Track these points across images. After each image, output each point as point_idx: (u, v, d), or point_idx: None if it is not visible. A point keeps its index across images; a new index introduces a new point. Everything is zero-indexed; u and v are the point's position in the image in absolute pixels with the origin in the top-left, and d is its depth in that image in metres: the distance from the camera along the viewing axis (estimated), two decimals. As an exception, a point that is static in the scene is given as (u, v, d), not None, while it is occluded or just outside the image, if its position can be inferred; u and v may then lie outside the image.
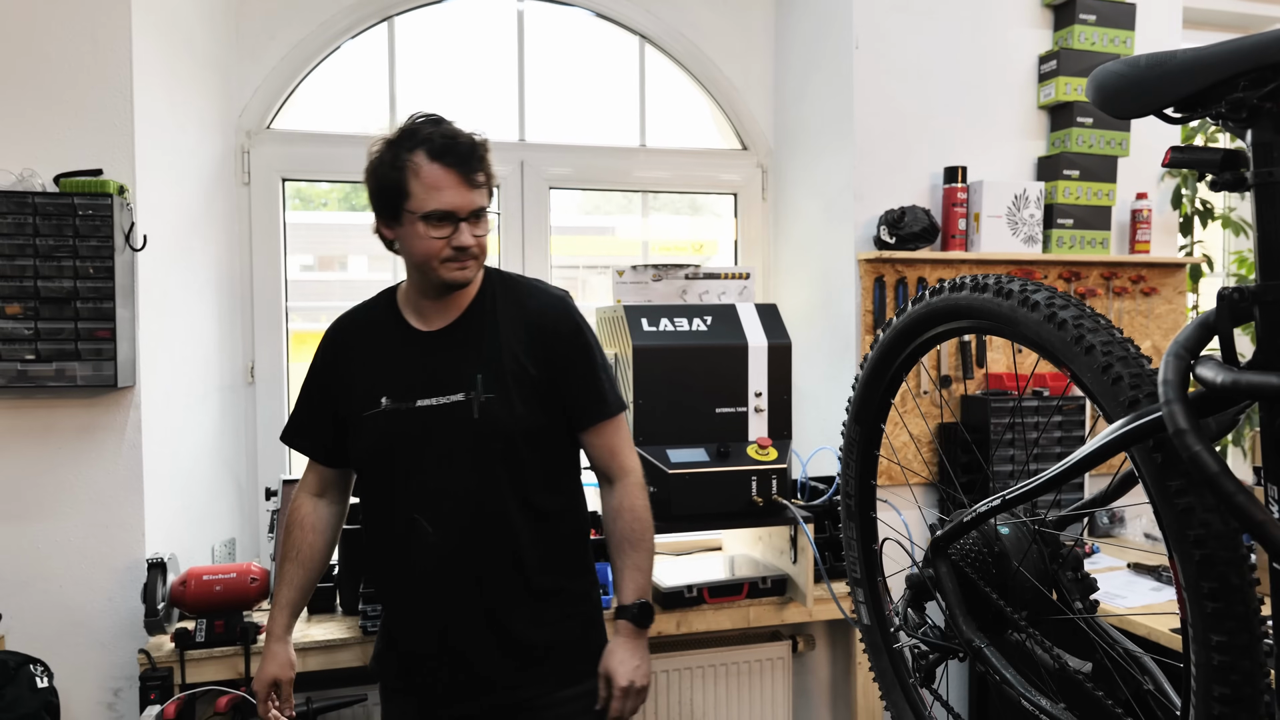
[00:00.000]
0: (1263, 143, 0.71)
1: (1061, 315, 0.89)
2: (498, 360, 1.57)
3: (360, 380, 1.60)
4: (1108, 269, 2.64)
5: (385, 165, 1.51)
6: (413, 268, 1.58)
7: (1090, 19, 2.55)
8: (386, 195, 1.51)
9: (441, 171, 1.48)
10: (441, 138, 1.49)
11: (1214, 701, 0.76)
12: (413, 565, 1.57)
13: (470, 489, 1.56)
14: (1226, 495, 0.68)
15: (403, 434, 1.56)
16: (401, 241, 1.55)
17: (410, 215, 1.50)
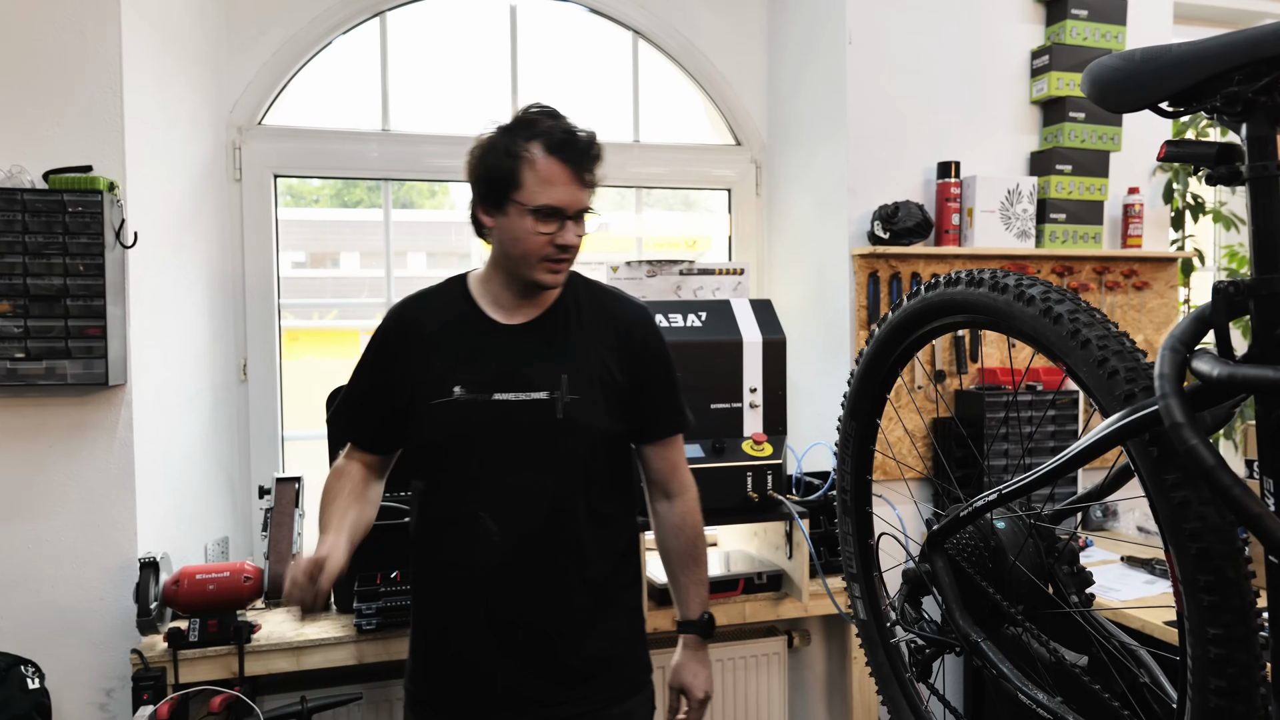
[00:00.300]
0: (1258, 137, 0.71)
1: (1057, 309, 0.89)
2: (585, 363, 1.54)
3: (430, 367, 1.52)
4: (1100, 263, 2.65)
5: (498, 151, 1.45)
6: (503, 260, 1.52)
7: (1082, 14, 2.55)
8: (495, 182, 1.46)
9: (557, 166, 1.44)
10: (561, 132, 1.45)
11: (1210, 694, 0.77)
12: (472, 563, 1.51)
13: (544, 489, 1.51)
14: (1223, 489, 0.68)
15: (476, 426, 1.50)
16: (501, 232, 1.49)
17: (518, 207, 1.45)
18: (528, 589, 1.51)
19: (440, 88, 2.72)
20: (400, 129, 2.64)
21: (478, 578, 1.51)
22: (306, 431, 2.60)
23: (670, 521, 1.66)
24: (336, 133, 2.58)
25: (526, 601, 1.51)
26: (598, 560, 1.56)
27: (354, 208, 3.48)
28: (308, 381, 2.67)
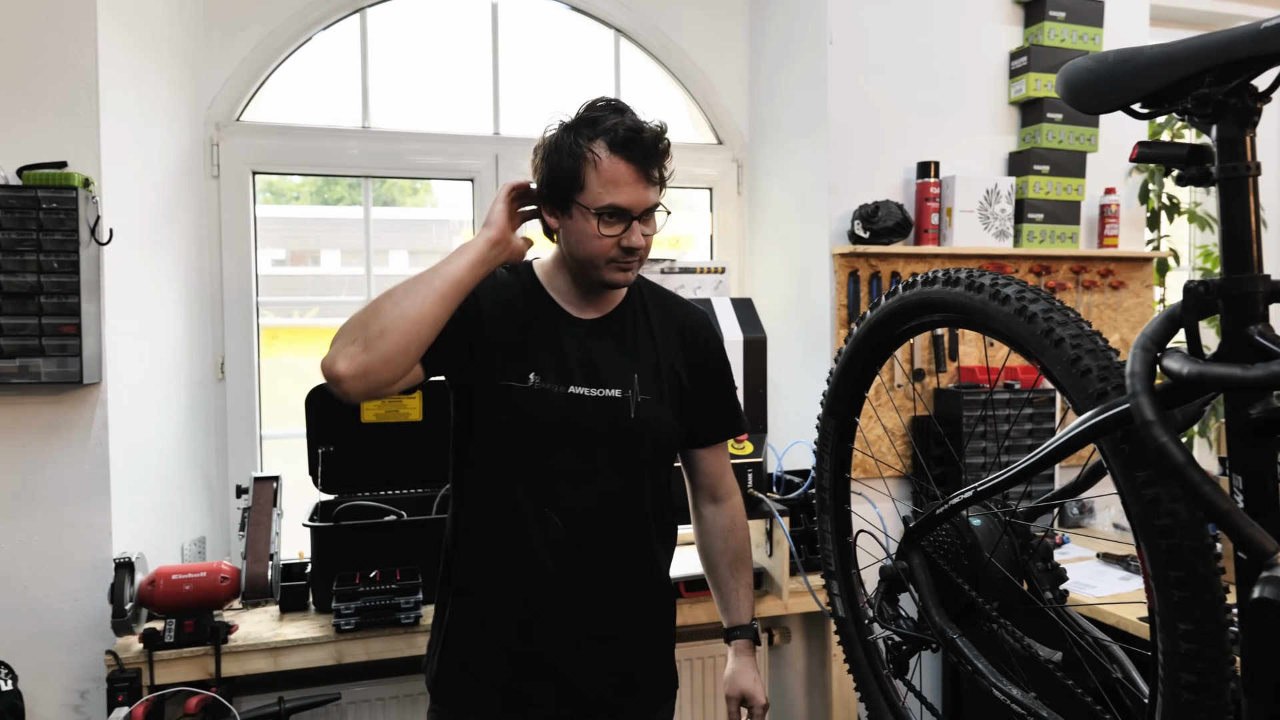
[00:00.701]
0: (1228, 138, 0.72)
1: (1032, 309, 0.90)
2: (655, 363, 1.51)
3: (504, 346, 1.43)
4: (1077, 263, 2.67)
5: (560, 151, 1.39)
6: (569, 261, 1.46)
7: (1060, 15, 2.57)
8: (558, 184, 1.39)
9: (622, 166, 1.37)
10: (625, 130, 1.37)
11: (1181, 689, 0.78)
12: (530, 561, 1.43)
13: (614, 489, 1.46)
14: (1192, 485, 0.69)
15: (548, 419, 1.42)
16: (567, 234, 1.42)
17: (581, 209, 1.38)
18: (588, 593, 1.46)
19: (421, 85, 2.71)
20: (381, 126, 2.62)
21: (534, 577, 1.43)
22: (285, 430, 2.58)
23: (720, 525, 1.64)
24: (316, 129, 2.56)
25: (586, 605, 1.46)
26: (661, 564, 1.55)
27: (335, 205, 3.45)
28: (286, 380, 2.65)
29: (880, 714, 1.26)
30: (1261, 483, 0.71)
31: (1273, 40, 0.67)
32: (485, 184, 2.68)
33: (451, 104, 2.73)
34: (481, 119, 2.73)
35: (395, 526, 2.15)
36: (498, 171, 2.68)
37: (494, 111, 2.73)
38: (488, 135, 2.71)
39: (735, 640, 1.62)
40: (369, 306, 1.31)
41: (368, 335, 1.27)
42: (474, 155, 2.67)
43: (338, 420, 2.23)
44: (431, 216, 3.62)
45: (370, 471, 2.30)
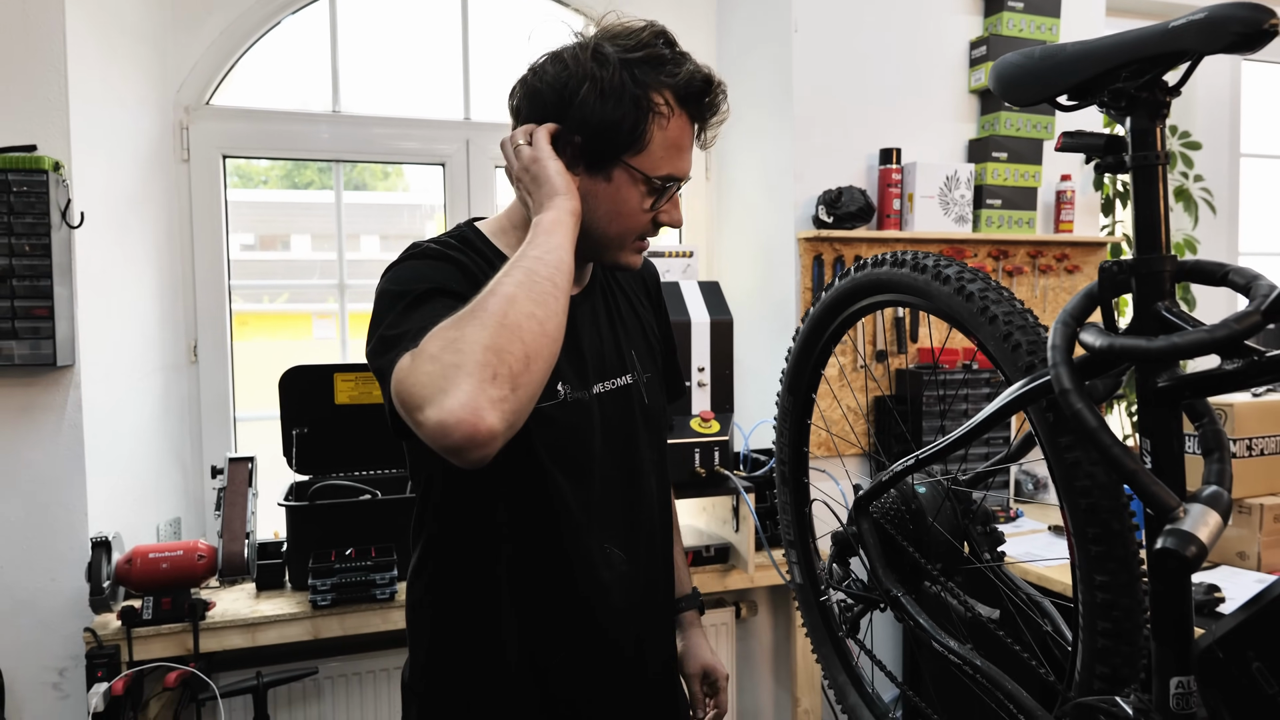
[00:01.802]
0: (1140, 129, 0.78)
1: (969, 288, 0.96)
2: (641, 331, 1.29)
3: None
4: (1034, 247, 2.76)
5: (620, 94, 1.05)
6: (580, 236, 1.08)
7: (1018, 6, 2.64)
8: (606, 135, 1.06)
9: (686, 126, 1.11)
10: (701, 80, 1.10)
11: (1099, 636, 0.85)
12: (596, 606, 1.18)
13: (650, 494, 1.25)
14: (1104, 448, 0.75)
15: (587, 432, 1.16)
16: (593, 201, 1.10)
17: (630, 173, 1.09)
18: (653, 619, 1.28)
19: (392, 70, 2.73)
20: (351, 111, 2.64)
21: (603, 621, 1.19)
22: (257, 413, 2.61)
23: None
24: (286, 114, 2.58)
25: (652, 634, 1.28)
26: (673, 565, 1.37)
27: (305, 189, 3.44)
28: (258, 363, 2.68)
29: (834, 673, 1.33)
30: (1167, 445, 0.78)
31: (1180, 39, 0.73)
32: (456, 168, 2.71)
33: (422, 89, 2.75)
34: (452, 104, 2.75)
35: (370, 505, 2.19)
36: (469, 156, 2.71)
37: (465, 96, 2.75)
38: (459, 120, 2.73)
39: (683, 613, 1.45)
40: (491, 324, 0.87)
41: (512, 368, 0.86)
42: (445, 140, 2.70)
43: (311, 402, 2.27)
44: (403, 201, 3.62)
45: (344, 452, 2.34)
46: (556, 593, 1.16)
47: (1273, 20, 0.68)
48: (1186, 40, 0.72)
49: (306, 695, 2.22)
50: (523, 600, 1.16)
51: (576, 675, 1.19)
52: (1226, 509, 0.72)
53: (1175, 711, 0.77)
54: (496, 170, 2.77)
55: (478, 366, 0.84)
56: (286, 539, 2.14)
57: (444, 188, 2.73)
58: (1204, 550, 0.70)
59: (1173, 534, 0.71)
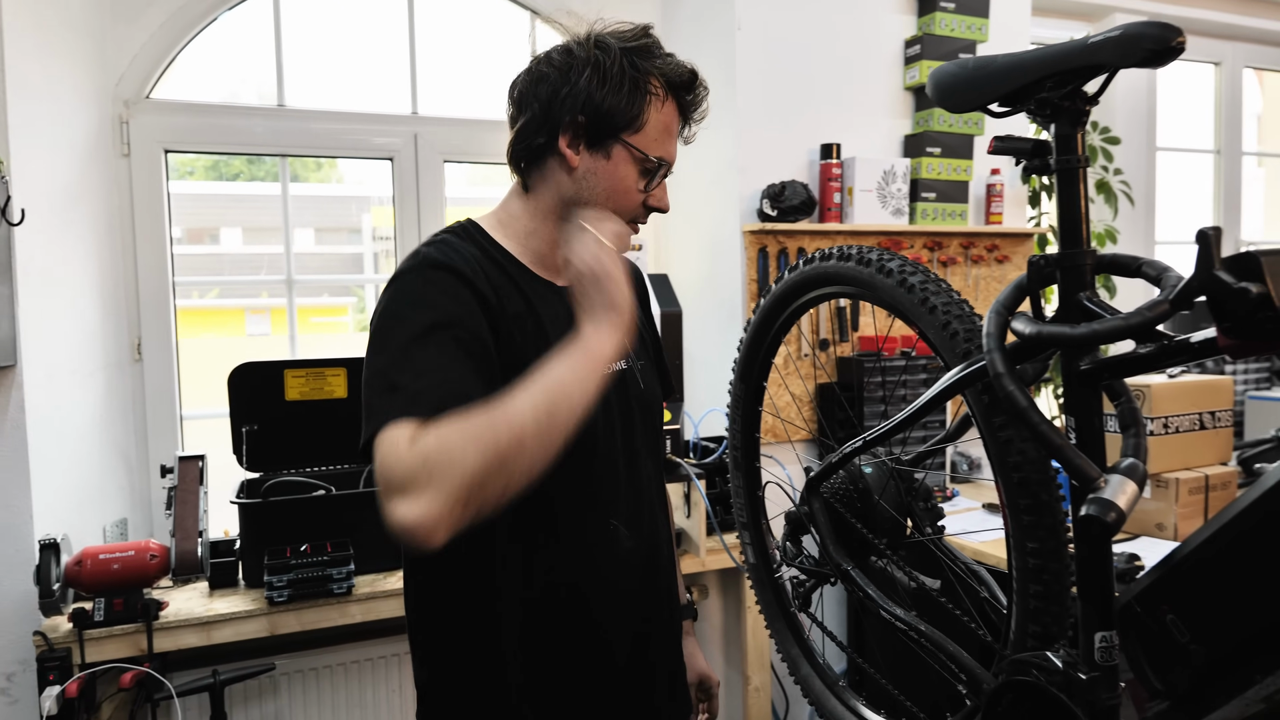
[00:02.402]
0: (1063, 135, 0.86)
1: (911, 280, 1.03)
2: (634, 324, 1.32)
3: (522, 342, 1.14)
4: (966, 239, 2.88)
5: (622, 77, 1.13)
6: (570, 214, 1.16)
7: (950, 6, 2.75)
8: (607, 115, 1.13)
9: (674, 112, 1.19)
10: (687, 73, 1.19)
11: (1030, 598, 0.92)
12: (606, 584, 1.22)
13: (650, 477, 1.31)
14: (1033, 425, 0.83)
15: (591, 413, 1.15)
16: (592, 178, 1.16)
17: (627, 151, 1.15)
18: (656, 605, 1.32)
19: (338, 64, 2.71)
20: (297, 105, 2.62)
21: (611, 599, 1.23)
22: (203, 411, 2.58)
23: None
24: (230, 107, 2.55)
25: (657, 621, 1.32)
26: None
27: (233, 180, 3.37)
28: (195, 361, 2.64)
29: (787, 646, 1.40)
30: (1089, 423, 0.86)
31: (1097, 54, 0.81)
32: (404, 163, 2.71)
33: (369, 83, 2.75)
34: (400, 98, 2.75)
35: (325, 501, 2.19)
36: (417, 150, 2.72)
37: (412, 91, 2.75)
38: (406, 114, 2.73)
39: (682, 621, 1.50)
40: (490, 457, 0.91)
41: (486, 500, 0.92)
42: (392, 134, 2.70)
43: (262, 399, 2.26)
44: (338, 193, 3.58)
45: (295, 449, 2.33)
46: (561, 565, 1.19)
47: (1179, 38, 0.76)
48: (1104, 55, 0.79)
49: (263, 692, 2.22)
50: (527, 575, 1.17)
51: (579, 647, 1.21)
52: (1142, 479, 0.80)
53: (1100, 663, 0.85)
54: (445, 164, 2.78)
55: (456, 490, 0.89)
56: (240, 537, 2.13)
57: (393, 182, 2.73)
58: (1123, 516, 0.78)
59: (1095, 502, 0.79)
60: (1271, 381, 3.48)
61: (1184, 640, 0.79)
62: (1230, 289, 0.66)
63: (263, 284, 2.61)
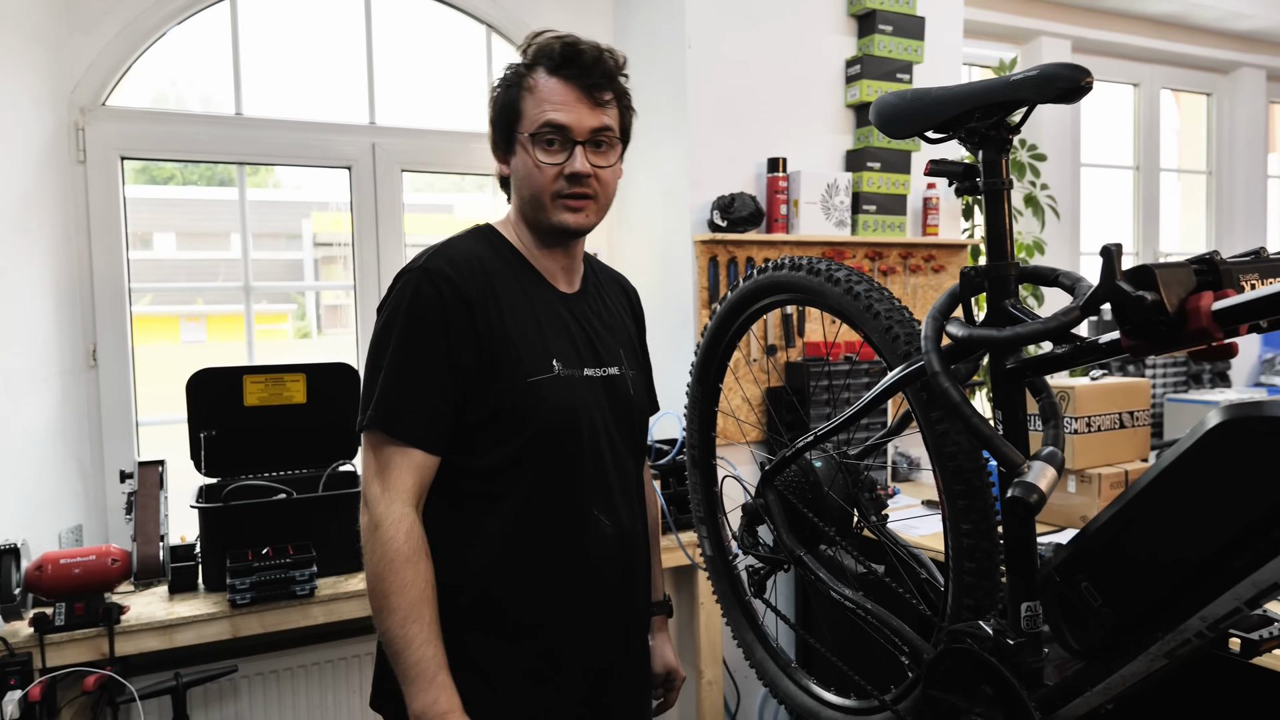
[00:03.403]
0: (990, 160, 0.97)
1: (857, 289, 1.13)
2: (626, 335, 1.47)
3: (520, 338, 1.29)
4: (904, 249, 3.02)
5: (502, 85, 1.30)
6: (523, 210, 1.36)
7: (888, 29, 2.89)
8: (500, 122, 1.31)
9: (559, 85, 1.28)
10: (563, 46, 1.28)
11: (964, 574, 1.03)
12: (586, 567, 1.35)
13: (632, 474, 1.45)
14: (965, 418, 0.93)
15: (578, 408, 1.33)
16: (515, 176, 1.34)
17: (521, 141, 1.29)
18: (634, 588, 1.45)
19: (296, 73, 2.74)
20: (255, 113, 2.64)
21: (593, 587, 1.36)
22: (158, 417, 2.58)
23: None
24: (187, 115, 2.56)
25: (634, 602, 1.46)
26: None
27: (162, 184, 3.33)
28: (157, 366, 2.64)
29: (743, 632, 1.49)
30: (1014, 416, 0.97)
31: (1018, 90, 0.92)
32: (363, 171, 2.75)
33: (327, 93, 2.78)
34: (357, 108, 2.79)
35: (286, 505, 2.22)
36: (374, 160, 2.76)
37: (369, 101, 2.79)
38: (364, 124, 2.77)
39: (653, 617, 1.64)
40: (374, 596, 1.23)
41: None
42: (350, 144, 2.74)
43: (220, 404, 2.27)
44: (275, 198, 3.56)
45: (254, 454, 2.35)
46: (546, 549, 1.33)
47: (1088, 79, 0.87)
48: (1024, 91, 0.90)
49: (224, 694, 2.23)
50: (516, 549, 1.32)
51: (561, 627, 1.35)
52: (1060, 465, 0.91)
53: (1026, 630, 0.96)
54: (403, 174, 2.82)
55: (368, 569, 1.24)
56: (200, 541, 2.14)
57: (350, 190, 2.77)
58: (1043, 497, 0.89)
59: (1019, 485, 0.89)
60: (1189, 385, 3.71)
61: (1096, 605, 0.89)
62: (1129, 297, 0.77)
63: (203, 290, 2.61)
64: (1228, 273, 0.79)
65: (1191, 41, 4.24)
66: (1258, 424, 0.73)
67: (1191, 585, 0.79)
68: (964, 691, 1.01)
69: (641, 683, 1.54)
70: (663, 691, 1.66)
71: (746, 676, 2.78)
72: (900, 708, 1.14)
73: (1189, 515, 0.79)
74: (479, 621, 1.31)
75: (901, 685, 1.15)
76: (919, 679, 1.09)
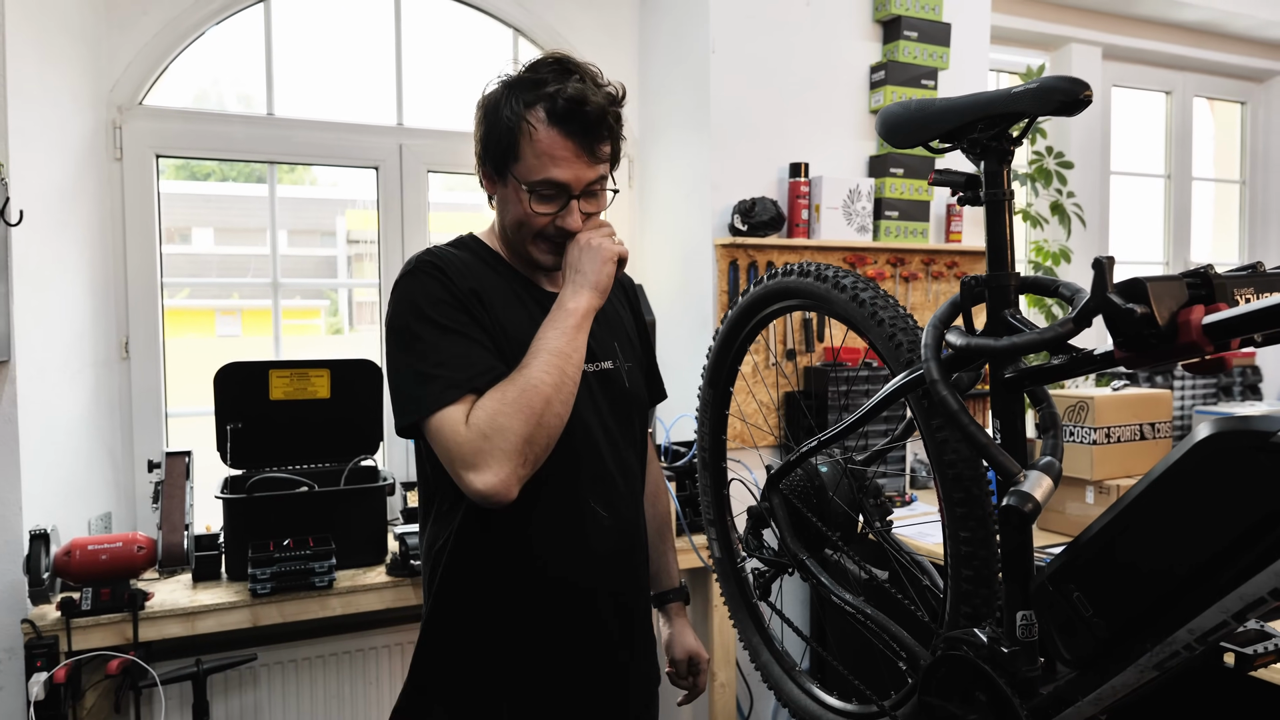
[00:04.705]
0: (992, 171, 0.97)
1: (862, 296, 1.15)
2: (623, 329, 1.50)
3: (513, 332, 1.32)
4: (927, 255, 3.01)
5: (499, 112, 1.29)
6: (506, 235, 1.39)
7: (913, 35, 2.89)
8: (493, 147, 1.31)
9: (559, 139, 1.27)
10: (565, 100, 1.26)
11: (963, 581, 1.04)
12: (586, 557, 1.39)
13: (630, 466, 1.47)
14: (962, 426, 0.94)
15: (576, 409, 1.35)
16: (501, 203, 1.36)
17: (514, 180, 1.30)
18: (631, 578, 1.48)
19: (326, 75, 2.80)
20: (286, 114, 2.70)
21: (588, 572, 1.40)
22: (186, 408, 2.65)
23: (647, 492, 1.64)
24: (220, 115, 2.62)
25: (626, 592, 1.48)
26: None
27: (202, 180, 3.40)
28: (186, 359, 2.70)
29: (749, 635, 1.50)
30: (1012, 425, 0.97)
31: (1019, 102, 0.92)
32: (389, 172, 2.80)
33: (356, 94, 2.83)
34: (385, 109, 2.84)
35: (308, 497, 2.26)
36: (402, 161, 2.80)
37: (398, 103, 2.84)
38: (392, 125, 2.82)
39: (669, 604, 1.68)
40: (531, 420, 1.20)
41: (538, 455, 1.22)
42: (378, 145, 2.78)
43: (246, 397, 2.33)
44: (311, 195, 3.61)
45: (278, 447, 2.40)
46: (543, 541, 1.36)
47: (1086, 92, 0.88)
48: (1024, 104, 0.91)
49: (244, 682, 2.28)
50: (518, 543, 1.35)
51: (554, 622, 1.38)
52: (1057, 475, 0.92)
53: (1021, 638, 0.96)
54: (429, 174, 2.87)
55: (515, 453, 1.19)
56: (224, 531, 2.20)
57: (377, 190, 2.82)
58: (1038, 506, 0.89)
59: (1014, 494, 0.90)
60: (1219, 397, 3.66)
61: (1088, 615, 0.90)
62: (1120, 309, 0.78)
63: (237, 286, 2.67)
64: (1221, 286, 0.80)
65: (1225, 49, 4.18)
66: (1244, 438, 0.73)
67: (1179, 597, 0.80)
68: (959, 698, 1.02)
69: (647, 672, 1.55)
70: (690, 679, 1.66)
71: (759, 679, 2.79)
72: (899, 713, 1.15)
73: (1177, 527, 0.79)
74: (484, 612, 1.37)
75: (901, 691, 1.16)
76: (917, 685, 1.10)
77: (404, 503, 2.59)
